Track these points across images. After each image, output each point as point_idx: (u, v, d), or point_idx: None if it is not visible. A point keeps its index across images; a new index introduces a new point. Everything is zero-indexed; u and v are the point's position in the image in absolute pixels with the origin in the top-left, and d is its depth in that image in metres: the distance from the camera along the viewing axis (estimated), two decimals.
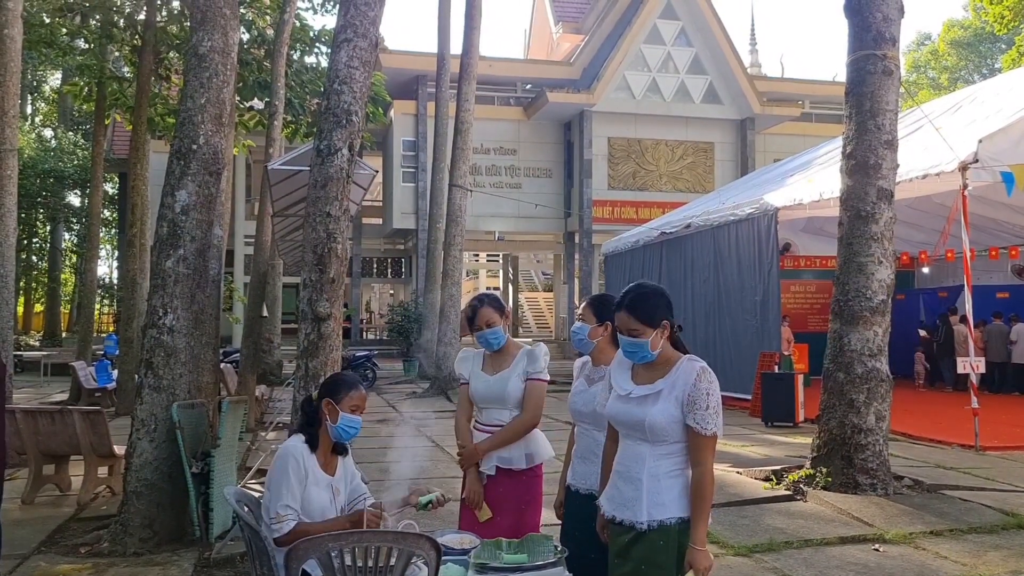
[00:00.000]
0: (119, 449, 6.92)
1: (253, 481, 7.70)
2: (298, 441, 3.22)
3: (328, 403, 3.24)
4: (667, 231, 16.65)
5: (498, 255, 37.00)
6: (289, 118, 16.94)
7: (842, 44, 7.87)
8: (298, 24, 16.80)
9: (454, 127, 17.39)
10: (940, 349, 16.82)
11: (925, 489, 7.07)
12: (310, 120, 17.27)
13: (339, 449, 3.35)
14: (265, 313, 14.62)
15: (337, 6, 18.33)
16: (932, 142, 10.26)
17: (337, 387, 3.28)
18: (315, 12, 18.52)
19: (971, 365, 9.72)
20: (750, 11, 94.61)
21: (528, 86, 28.09)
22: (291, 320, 25.86)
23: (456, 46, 18.63)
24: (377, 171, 15.40)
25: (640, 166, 27.04)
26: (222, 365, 11.24)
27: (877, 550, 5.41)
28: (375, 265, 32.80)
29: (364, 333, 32.09)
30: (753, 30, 57.66)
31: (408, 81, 26.82)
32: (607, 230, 24.84)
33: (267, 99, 15.61)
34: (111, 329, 31.80)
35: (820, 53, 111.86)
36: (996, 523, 5.98)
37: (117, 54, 18.26)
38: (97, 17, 15.80)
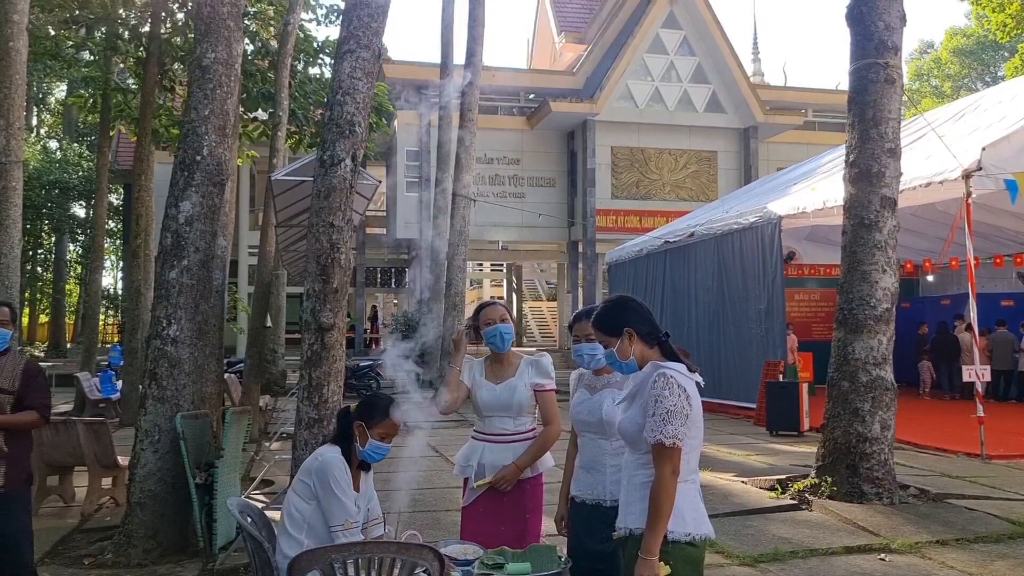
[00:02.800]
0: (123, 460, 6.92)
1: (257, 492, 7.69)
2: (336, 453, 3.26)
3: (360, 426, 3.26)
4: (671, 240, 16.65)
5: (502, 264, 37.00)
6: (293, 129, 16.99)
7: (844, 53, 7.88)
8: (302, 35, 16.87)
9: (458, 137, 17.44)
10: (938, 356, 16.79)
11: (931, 498, 7.04)
12: (314, 131, 17.32)
13: (363, 465, 3.36)
14: (269, 323, 14.64)
15: (340, 17, 18.44)
16: (935, 150, 10.26)
17: (372, 412, 3.30)
18: (319, 23, 18.60)
19: (976, 373, 9.68)
20: (752, 20, 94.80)
21: (531, 96, 28.14)
22: (295, 330, 25.85)
23: (459, 56, 18.69)
24: (380, 181, 15.42)
25: (643, 175, 27.06)
26: (226, 375, 11.25)
27: (883, 559, 5.39)
28: (379, 275, 32.83)
29: (369, 343, 32.09)
30: (756, 39, 57.72)
31: (412, 91, 26.88)
32: (611, 239, 24.83)
33: (271, 110, 15.65)
34: (115, 340, 31.86)
35: (823, 62, 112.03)
36: (1003, 532, 5.95)
37: (122, 66, 18.32)
38: (102, 29, 15.88)
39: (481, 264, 37.87)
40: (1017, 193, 9.06)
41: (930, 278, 18.12)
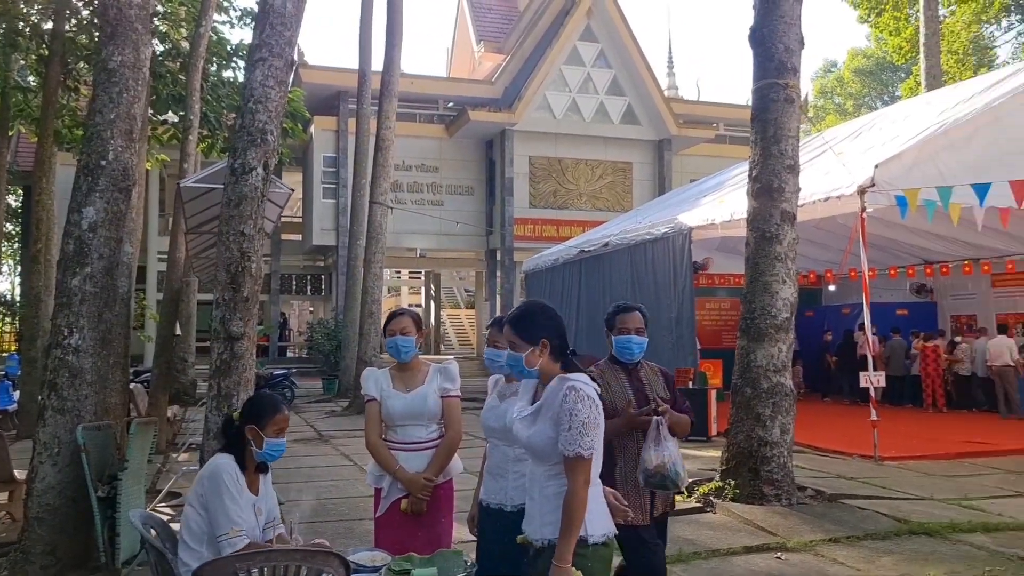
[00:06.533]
0: (20, 474, 6.66)
1: (163, 504, 7.52)
2: (229, 459, 3.24)
3: (252, 429, 3.25)
4: (586, 249, 16.91)
5: (420, 272, 36.91)
6: (205, 132, 16.62)
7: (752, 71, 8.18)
8: (215, 38, 16.53)
9: (375, 144, 17.35)
10: (844, 362, 17.52)
11: (826, 498, 7.38)
12: (227, 135, 16.97)
13: (261, 467, 3.36)
14: (179, 331, 14.26)
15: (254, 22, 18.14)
16: (833, 167, 10.74)
17: (261, 412, 3.29)
18: (232, 26, 18.26)
19: (871, 379, 10.13)
20: (667, 35, 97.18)
21: (450, 104, 28.22)
22: (206, 338, 25.19)
23: (377, 62, 18.62)
24: (294, 189, 15.22)
25: (561, 185, 27.42)
26: (132, 385, 10.90)
27: (779, 558, 5.64)
28: (294, 282, 32.32)
29: (286, 351, 31.58)
30: (670, 54, 59.04)
31: (329, 97, 26.63)
32: (528, 248, 25.08)
33: (182, 113, 15.29)
34: (13, 348, 30.41)
35: (734, 77, 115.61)
36: (890, 530, 6.30)
37: (22, 63, 17.60)
38: (1, 25, 15.23)
39: (399, 271, 37.69)
40: (906, 208, 9.56)
41: (832, 288, 18.88)
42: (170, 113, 16.90)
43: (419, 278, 38.46)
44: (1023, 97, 10.38)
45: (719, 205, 13.19)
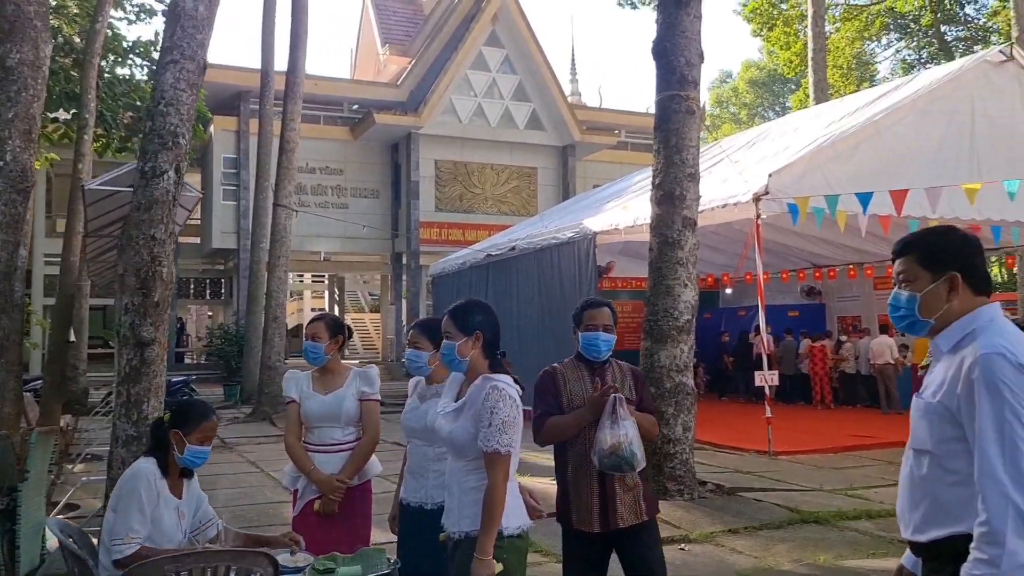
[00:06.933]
0: None
1: (61, 517, 7.26)
2: (150, 464, 3.22)
3: (176, 434, 3.25)
4: (493, 253, 17.08)
5: (323, 276, 36.40)
6: (100, 132, 16.01)
7: (654, 80, 8.49)
8: (110, 33, 15.96)
9: (279, 146, 17.06)
10: (739, 361, 18.29)
11: (725, 492, 7.76)
12: (123, 134, 16.40)
13: (186, 472, 3.36)
14: (72, 338, 13.69)
15: (154, 17, 17.53)
16: (730, 175, 11.24)
17: (186, 418, 3.30)
18: (130, 23, 17.63)
19: (765, 378, 10.63)
20: (571, 42, 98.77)
21: (355, 106, 27.99)
22: (98, 345, 24.22)
23: (281, 63, 18.33)
24: (203, 194, 14.85)
25: (467, 189, 27.56)
26: (24, 394, 10.44)
27: (683, 549, 5.91)
28: (192, 286, 31.37)
29: (183, 357, 30.61)
30: (573, 61, 60.30)
31: (230, 97, 26.01)
32: (434, 251, 25.11)
33: (74, 111, 14.69)
34: None
35: (636, 85, 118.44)
36: (783, 519, 6.68)
37: None
38: None
39: (302, 275, 37.07)
40: (798, 215, 10.11)
41: (728, 291, 19.66)
42: (61, 111, 16.22)
43: (322, 282, 37.92)
44: (900, 112, 11.11)
45: (623, 211, 13.56)
